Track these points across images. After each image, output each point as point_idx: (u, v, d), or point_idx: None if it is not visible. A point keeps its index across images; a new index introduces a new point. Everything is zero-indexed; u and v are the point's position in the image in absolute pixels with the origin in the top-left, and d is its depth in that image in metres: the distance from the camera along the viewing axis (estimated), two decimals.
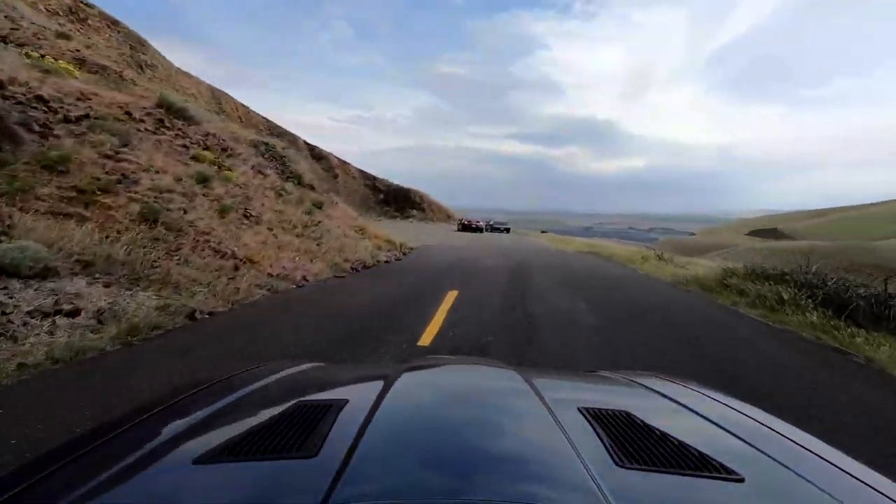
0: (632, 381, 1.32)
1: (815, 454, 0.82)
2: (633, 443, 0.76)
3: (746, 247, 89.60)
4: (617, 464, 0.68)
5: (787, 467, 0.74)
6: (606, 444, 0.75)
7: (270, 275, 7.36)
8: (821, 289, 7.53)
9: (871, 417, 3.49)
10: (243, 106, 62.41)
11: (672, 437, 0.79)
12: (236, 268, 6.94)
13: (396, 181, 60.80)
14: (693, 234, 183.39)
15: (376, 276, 9.36)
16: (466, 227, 37.63)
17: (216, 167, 9.69)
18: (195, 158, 9.34)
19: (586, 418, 0.86)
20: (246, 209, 9.02)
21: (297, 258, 8.58)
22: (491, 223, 41.12)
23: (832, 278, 7.93)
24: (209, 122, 11.91)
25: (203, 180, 8.55)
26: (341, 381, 1.30)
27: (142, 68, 38.40)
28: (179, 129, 10.04)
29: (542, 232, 43.12)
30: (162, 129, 9.51)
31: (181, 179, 8.13)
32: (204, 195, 8.27)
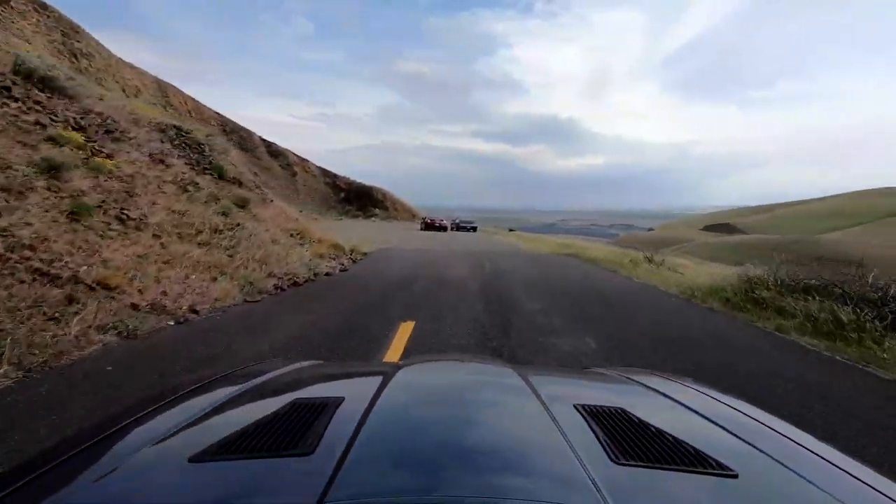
0: (628, 378, 1.31)
1: (811, 451, 0.82)
2: (629, 439, 0.76)
3: (701, 241, 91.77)
4: (613, 460, 0.69)
5: (781, 463, 0.74)
6: (602, 440, 0.75)
7: (136, 306, 4.92)
8: (887, 305, 5.78)
9: None
10: (193, 99, 58.12)
11: (667, 433, 0.80)
12: (71, 299, 4.48)
13: (360, 179, 57.94)
14: (652, 229, 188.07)
15: (306, 297, 6.97)
16: (430, 226, 35.41)
17: (87, 153, 7.11)
18: (53, 140, 6.74)
19: (582, 415, 0.86)
20: (122, 209, 6.49)
21: (193, 276, 6.14)
22: (456, 221, 38.97)
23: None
24: (94, 97, 9.21)
25: (51, 169, 5.98)
26: (337, 379, 1.31)
27: (76, 57, 34.30)
28: (37, 103, 7.38)
29: (510, 230, 41.42)
30: (5, 101, 6.86)
31: (10, 168, 5.57)
32: (49, 189, 5.74)
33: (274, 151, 59.86)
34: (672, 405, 1.04)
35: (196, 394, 1.05)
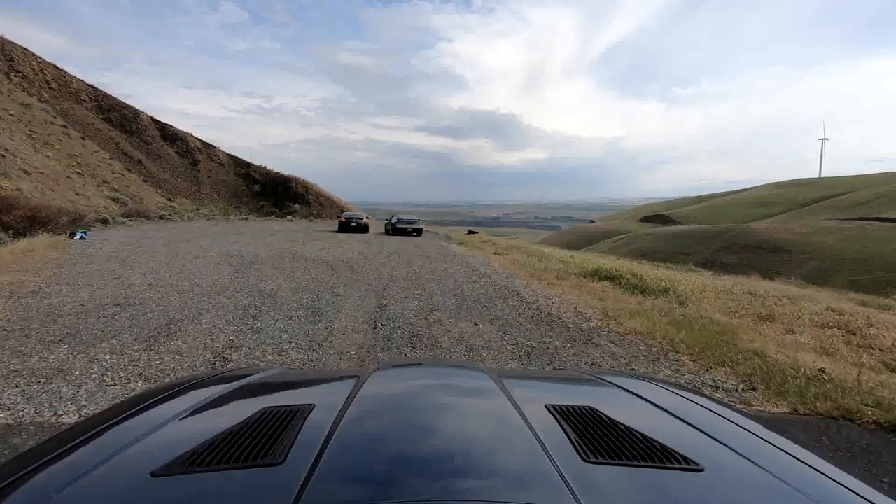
0: (598, 377, 1.30)
1: (773, 445, 0.84)
2: (599, 438, 0.77)
3: (641, 232, 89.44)
4: (583, 458, 0.69)
5: (744, 457, 0.76)
6: (573, 439, 0.75)
7: None
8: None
9: None
10: (54, 67, 44.63)
11: (636, 430, 0.80)
12: None
13: (298, 175, 46.99)
14: (593, 221, 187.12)
15: None
16: (345, 227, 25.26)
17: None
18: None
19: (553, 415, 0.86)
20: None
21: None
22: (395, 220, 25.44)
23: None
24: None
25: None
26: (308, 386, 1.26)
27: None
28: None
29: (471, 232, 29.37)
30: None
31: None
32: None
33: (169, 135, 47.53)
34: (640, 403, 1.03)
35: (159, 404, 1.00)
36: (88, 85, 45.79)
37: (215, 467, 0.66)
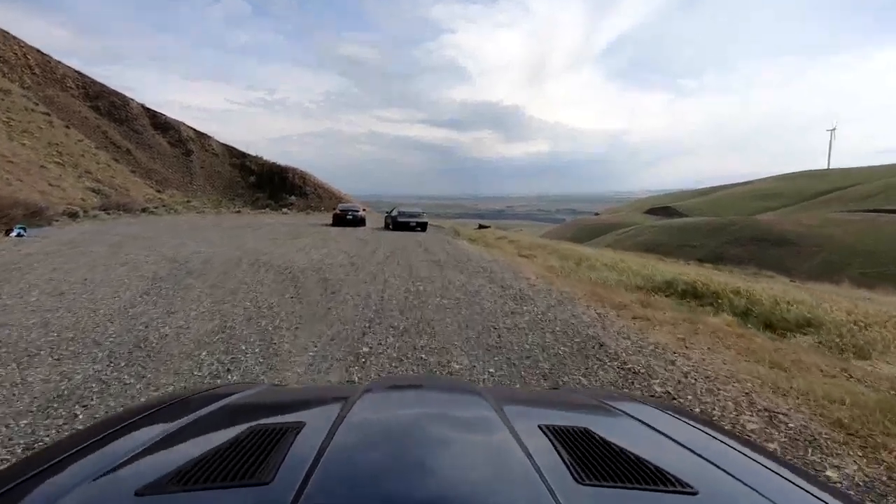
0: (593, 398, 1.27)
1: (769, 468, 0.83)
2: (592, 459, 0.76)
3: (647, 225, 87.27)
4: (576, 480, 0.68)
5: (739, 480, 0.74)
6: (566, 460, 0.74)
7: None
8: None
9: None
10: (39, 53, 41.73)
11: (630, 452, 0.79)
12: None
13: (300, 167, 44.09)
14: (598, 214, 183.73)
15: None
16: (340, 220, 22.65)
17: None
18: None
19: (548, 437, 0.85)
20: None
21: None
22: (395, 213, 22.29)
23: None
24: None
25: None
26: (297, 404, 1.22)
27: None
28: None
29: (482, 227, 25.75)
30: None
31: None
32: None
33: (161, 124, 44.69)
34: (635, 425, 1.02)
35: (145, 421, 0.98)
36: (75, 71, 42.92)
37: (202, 486, 0.64)
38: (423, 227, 21.15)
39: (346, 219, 22.59)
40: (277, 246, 12.20)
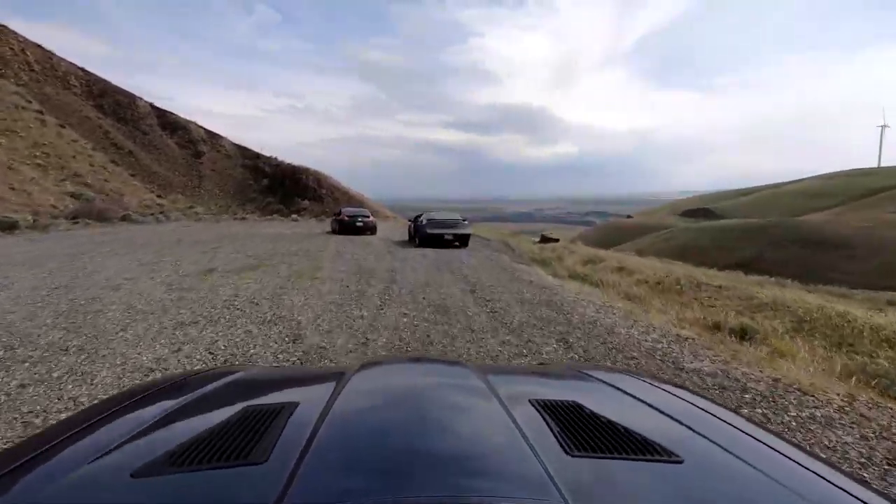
0: (581, 372, 1.27)
1: (753, 437, 0.82)
2: (582, 431, 0.76)
3: (683, 227, 79.91)
4: (567, 452, 0.68)
5: (724, 448, 0.74)
6: (557, 433, 0.74)
7: None
8: None
9: None
10: (41, 49, 37.65)
11: (618, 424, 0.79)
12: None
13: (329, 173, 38.73)
14: (630, 216, 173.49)
15: None
16: (347, 227, 17.58)
17: None
18: None
19: (537, 410, 0.84)
20: None
21: None
22: (424, 221, 14.20)
23: None
24: None
25: None
26: (291, 384, 1.20)
27: None
28: None
29: (547, 240, 18.29)
30: None
31: None
32: None
33: (170, 124, 40.15)
34: (623, 397, 1.02)
35: (140, 404, 0.96)
36: (79, 68, 38.79)
37: (197, 467, 0.63)
38: (463, 241, 13.71)
39: (356, 226, 17.64)
40: (217, 295, 6.20)
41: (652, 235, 75.77)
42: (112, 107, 38.24)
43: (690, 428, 0.83)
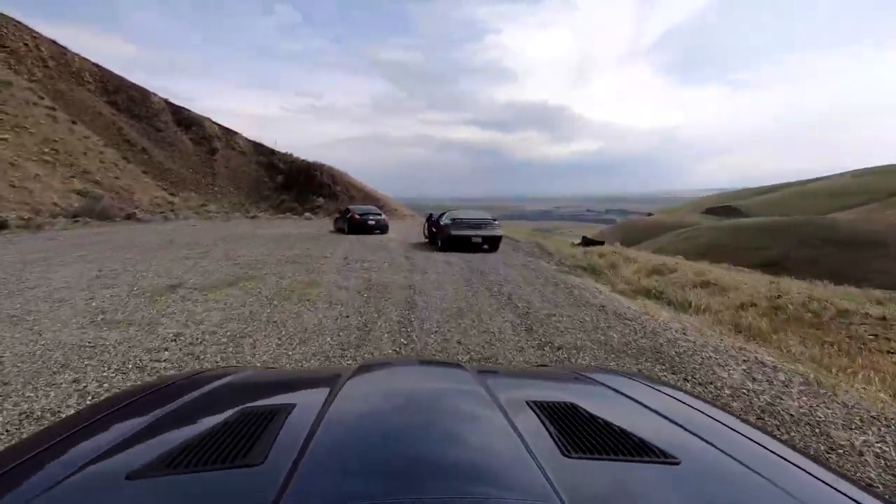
0: (578, 374, 1.26)
1: (749, 439, 0.81)
2: (579, 432, 0.74)
3: (707, 225, 76.56)
4: (563, 453, 0.67)
5: (720, 450, 0.74)
6: (554, 435, 0.73)
7: None
8: None
9: None
10: (54, 44, 36.80)
11: (615, 425, 0.78)
12: None
13: (344, 169, 37.08)
14: (651, 214, 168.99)
15: None
16: (358, 226, 16.12)
17: None
18: None
19: (535, 412, 0.83)
20: None
21: None
22: (446, 221, 11.89)
23: None
24: None
25: None
26: (288, 386, 1.18)
27: None
28: None
29: (590, 242, 15.97)
30: None
31: None
32: None
33: (184, 120, 38.93)
34: (620, 399, 1.00)
35: (137, 405, 0.94)
36: (93, 64, 37.80)
37: (193, 469, 0.62)
38: (493, 244, 11.48)
39: (367, 225, 16.13)
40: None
41: (672, 234, 72.76)
42: (126, 103, 37.17)
43: (687, 430, 0.81)
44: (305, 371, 2.26)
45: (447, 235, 11.42)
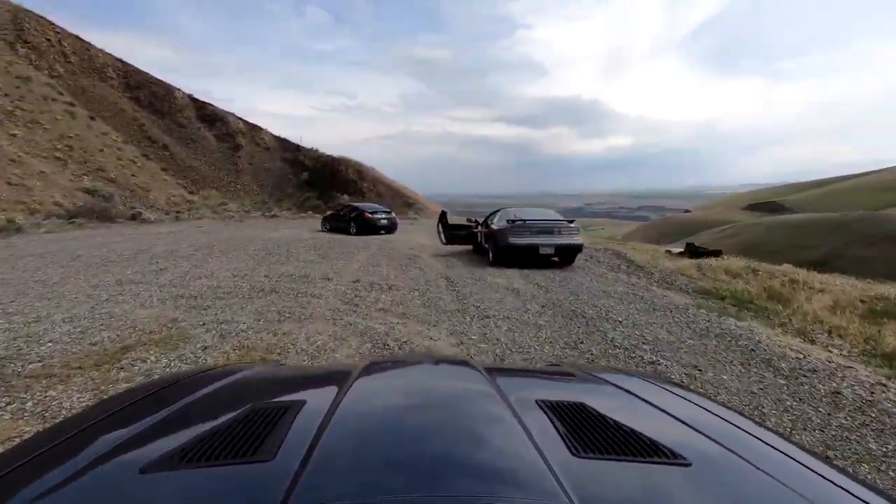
0: (587, 373, 1.25)
1: (763, 441, 0.80)
2: (588, 433, 0.73)
3: (749, 222, 70.12)
4: (572, 453, 0.66)
5: (732, 451, 0.72)
6: (563, 434, 0.72)
7: None
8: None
9: None
10: (77, 39, 35.19)
11: (624, 425, 0.76)
12: None
13: (376, 166, 34.42)
14: (688, 210, 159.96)
15: None
16: (368, 226, 14.36)
17: None
18: None
19: (544, 411, 0.82)
20: None
21: None
22: (504, 224, 8.31)
23: None
24: None
25: None
26: (298, 382, 1.18)
27: None
28: None
29: (694, 252, 12.22)
30: None
31: None
32: None
33: (208, 116, 36.93)
34: (630, 399, 0.99)
35: (149, 401, 0.94)
36: (117, 59, 36.18)
37: (205, 463, 0.62)
38: (569, 256, 8.42)
39: (380, 223, 14.60)
40: None
41: (711, 231, 66.96)
42: (148, 98, 35.39)
43: (698, 430, 0.80)
44: (315, 368, 2.27)
45: (504, 244, 8.12)
